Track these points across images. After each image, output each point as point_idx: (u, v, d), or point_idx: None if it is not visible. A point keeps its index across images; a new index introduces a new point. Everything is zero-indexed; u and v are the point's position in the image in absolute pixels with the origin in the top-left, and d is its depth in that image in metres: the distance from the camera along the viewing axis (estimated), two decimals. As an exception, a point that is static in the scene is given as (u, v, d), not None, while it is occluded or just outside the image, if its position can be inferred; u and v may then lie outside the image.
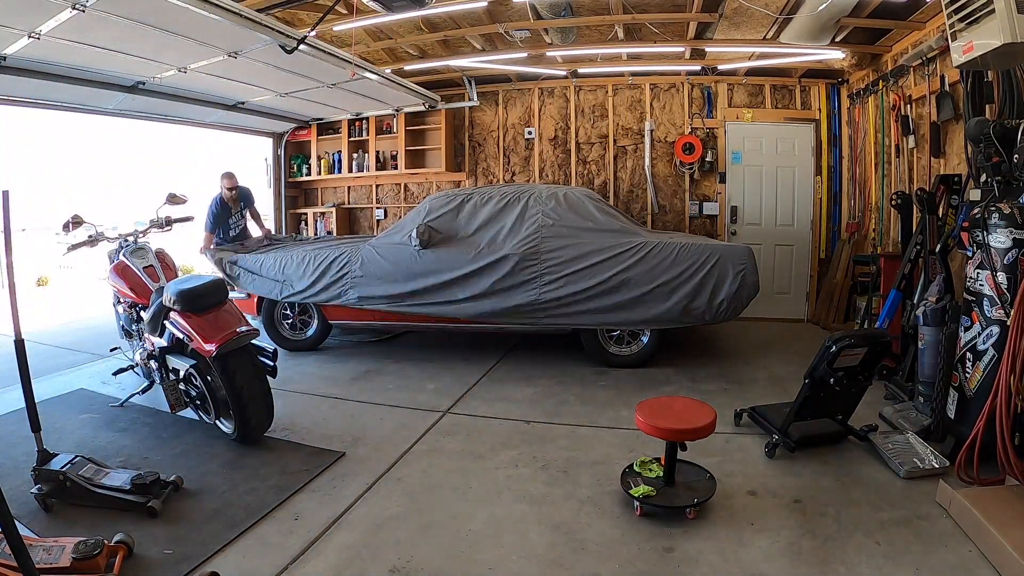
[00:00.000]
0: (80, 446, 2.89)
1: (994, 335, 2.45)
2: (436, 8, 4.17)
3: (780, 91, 6.08)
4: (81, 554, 1.85)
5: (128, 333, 3.66)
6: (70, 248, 3.46)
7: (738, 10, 4.33)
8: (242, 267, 4.73)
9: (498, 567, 2.00)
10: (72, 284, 10.59)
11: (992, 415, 2.26)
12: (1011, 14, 2.34)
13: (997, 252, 2.44)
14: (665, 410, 2.44)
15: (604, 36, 5.21)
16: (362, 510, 2.38)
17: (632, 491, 2.33)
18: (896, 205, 4.03)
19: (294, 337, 4.91)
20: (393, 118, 6.76)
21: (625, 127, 6.37)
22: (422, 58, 5.70)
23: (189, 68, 4.40)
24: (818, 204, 6.03)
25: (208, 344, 2.80)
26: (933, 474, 2.52)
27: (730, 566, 1.98)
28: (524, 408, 3.54)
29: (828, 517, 2.27)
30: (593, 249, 4.13)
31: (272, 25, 3.70)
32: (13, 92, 4.52)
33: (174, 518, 2.29)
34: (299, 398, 3.73)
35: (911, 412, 3.17)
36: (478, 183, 6.81)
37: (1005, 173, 2.63)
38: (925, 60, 4.21)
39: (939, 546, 2.06)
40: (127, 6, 3.19)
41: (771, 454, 2.80)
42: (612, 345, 4.38)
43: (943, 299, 3.13)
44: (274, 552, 2.08)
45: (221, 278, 3.20)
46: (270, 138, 7.27)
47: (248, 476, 2.64)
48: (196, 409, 3.12)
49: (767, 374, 4.14)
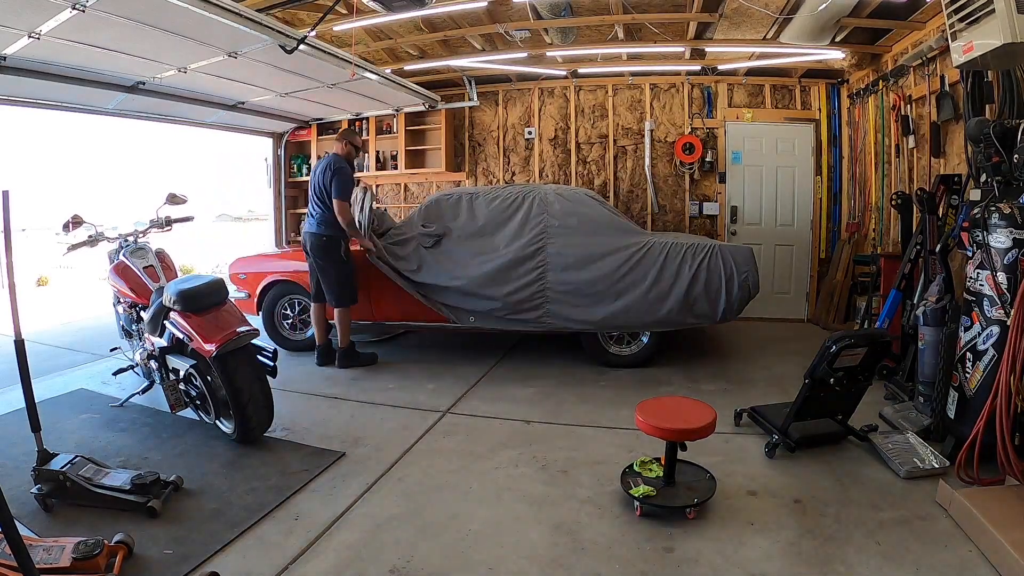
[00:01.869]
0: (80, 446, 2.89)
1: (994, 335, 2.45)
2: (436, 8, 4.17)
3: (780, 91, 6.08)
4: (81, 554, 1.85)
5: (128, 333, 3.66)
6: (70, 248, 3.46)
7: (738, 10, 4.33)
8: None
9: (498, 567, 2.00)
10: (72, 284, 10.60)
11: (992, 415, 2.26)
12: (1011, 14, 2.35)
13: (997, 252, 2.44)
14: (665, 410, 2.44)
15: (604, 36, 5.21)
16: (362, 510, 2.38)
17: (632, 491, 2.33)
18: (896, 205, 4.03)
19: (294, 337, 4.90)
20: (393, 118, 6.76)
21: (625, 127, 6.37)
22: (422, 58, 5.70)
23: (189, 68, 4.40)
24: (818, 204, 6.03)
25: (208, 344, 2.80)
26: (933, 474, 2.52)
27: (730, 566, 1.98)
28: (524, 408, 3.54)
29: (828, 517, 2.27)
30: (600, 251, 4.14)
31: (272, 25, 3.70)
32: (13, 92, 4.52)
33: (174, 518, 2.29)
34: (299, 398, 3.73)
35: (911, 412, 3.17)
36: (478, 183, 6.81)
37: (1005, 173, 2.64)
38: (925, 60, 4.21)
39: (939, 546, 2.06)
40: (127, 6, 3.19)
41: (771, 454, 2.80)
42: (612, 345, 4.38)
43: (943, 299, 3.13)
44: (274, 552, 2.08)
45: (220, 278, 3.17)
46: (270, 138, 7.27)
47: (248, 476, 2.64)
48: (196, 409, 3.11)
49: (767, 374, 4.14)
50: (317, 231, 4.23)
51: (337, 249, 4.22)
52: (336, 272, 4.24)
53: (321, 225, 4.22)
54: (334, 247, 4.22)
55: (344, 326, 4.34)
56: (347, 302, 4.29)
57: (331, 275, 4.24)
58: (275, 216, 7.41)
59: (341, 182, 4.15)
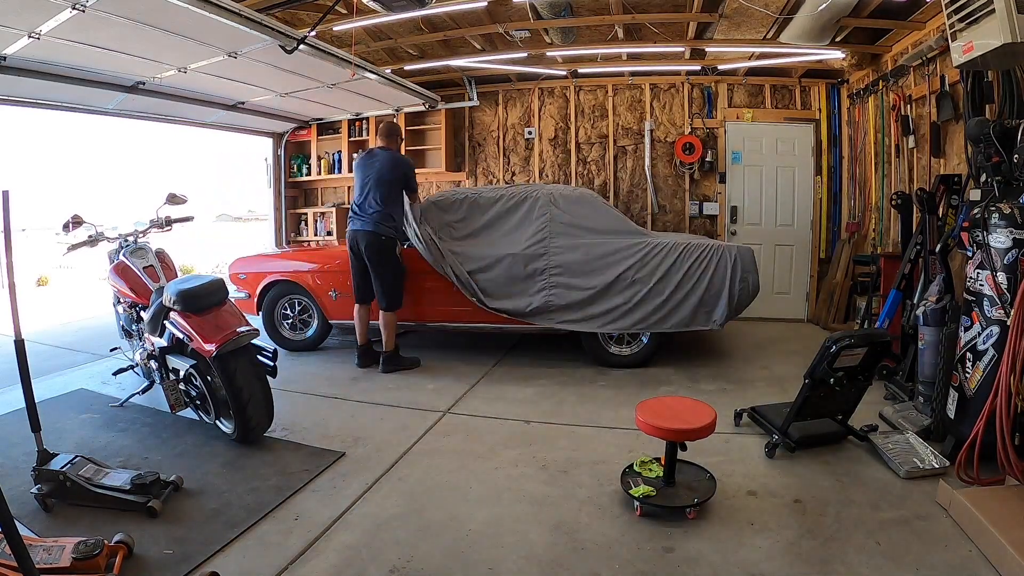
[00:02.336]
0: (80, 446, 2.89)
1: (994, 335, 2.45)
2: (436, 8, 4.17)
3: (780, 91, 6.08)
4: (81, 554, 1.85)
5: (128, 333, 3.66)
6: (70, 248, 3.46)
7: (738, 10, 4.33)
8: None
9: (498, 567, 2.00)
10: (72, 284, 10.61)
11: (992, 415, 2.26)
12: (1011, 14, 2.35)
13: (997, 252, 2.44)
14: (665, 410, 2.44)
15: (604, 36, 5.21)
16: (362, 510, 2.38)
17: (632, 491, 2.33)
18: (896, 205, 4.03)
19: (294, 337, 4.91)
20: (393, 118, 6.76)
21: (625, 127, 6.37)
22: (422, 58, 5.70)
23: (189, 68, 4.40)
24: (818, 204, 6.03)
25: (208, 344, 2.80)
26: (933, 474, 2.52)
27: (730, 566, 1.98)
28: (524, 408, 3.54)
29: (828, 517, 2.27)
30: (603, 252, 4.15)
31: (272, 25, 3.70)
32: (13, 92, 4.52)
33: (174, 518, 2.29)
34: (299, 398, 3.73)
35: (911, 412, 3.17)
36: (478, 183, 6.82)
37: (1005, 173, 2.64)
38: (925, 60, 4.21)
39: (939, 546, 2.06)
40: (127, 6, 3.19)
41: (771, 454, 2.80)
42: (612, 345, 4.38)
43: (943, 299, 3.13)
44: (274, 552, 2.08)
45: (220, 278, 3.17)
46: (270, 138, 7.27)
47: (248, 476, 2.64)
48: (196, 409, 3.11)
49: (767, 374, 4.14)
50: (376, 230, 4.03)
51: (394, 250, 4.11)
52: (393, 274, 4.13)
53: (380, 224, 4.04)
54: (392, 248, 4.10)
55: (392, 330, 4.24)
56: (397, 306, 4.21)
57: (387, 278, 4.10)
58: (275, 216, 7.40)
59: (414, 177, 4.15)
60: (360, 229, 4.09)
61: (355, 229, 4.14)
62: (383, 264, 4.09)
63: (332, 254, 4.89)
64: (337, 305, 4.64)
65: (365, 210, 4.11)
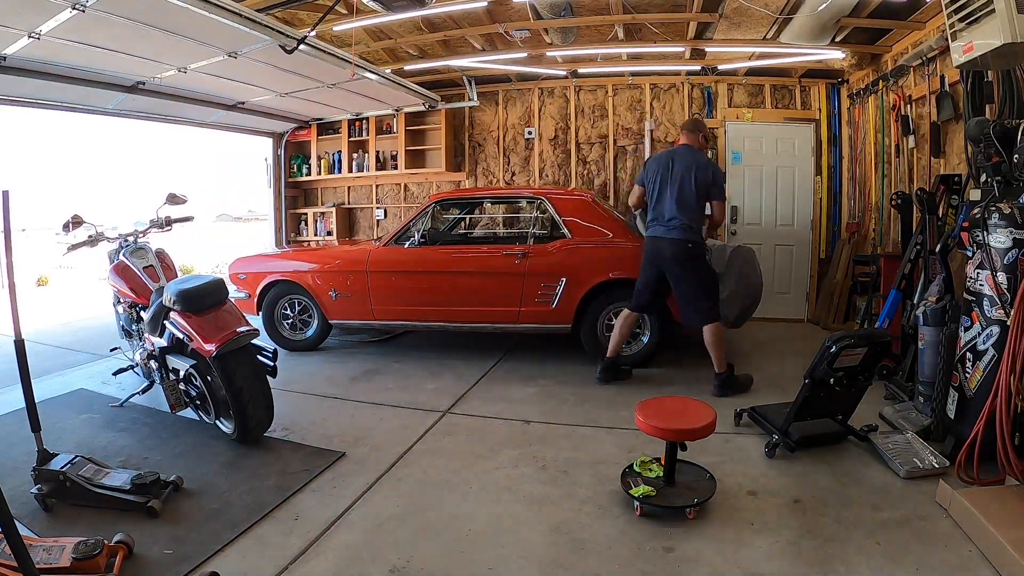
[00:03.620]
0: (80, 446, 2.88)
1: (994, 335, 2.45)
2: (436, 8, 4.17)
3: (780, 91, 6.08)
4: (81, 554, 1.85)
5: (128, 333, 3.66)
6: (70, 248, 3.46)
7: (738, 10, 4.33)
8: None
9: (498, 567, 2.00)
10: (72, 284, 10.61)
11: (992, 415, 2.26)
12: (1011, 14, 2.34)
13: (997, 252, 2.44)
14: (665, 410, 2.44)
15: (604, 36, 5.21)
16: (362, 510, 2.38)
17: (632, 491, 2.33)
18: (896, 205, 4.03)
19: (294, 337, 4.90)
20: (393, 118, 6.76)
21: (625, 127, 6.37)
22: (422, 58, 5.70)
23: (189, 68, 4.40)
24: (818, 204, 6.02)
25: (208, 344, 2.80)
26: (933, 474, 2.52)
27: (730, 566, 1.98)
28: (524, 408, 3.54)
29: (828, 517, 2.27)
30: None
31: (272, 25, 3.70)
32: (13, 92, 4.52)
33: (174, 518, 2.29)
34: (299, 398, 3.73)
35: (911, 412, 3.17)
36: (478, 183, 6.82)
37: (1005, 173, 2.63)
38: (925, 60, 4.21)
39: (939, 546, 2.06)
40: (127, 6, 3.19)
41: (771, 454, 2.80)
42: (613, 345, 4.35)
43: (943, 299, 3.12)
44: (274, 552, 2.08)
45: (220, 278, 3.17)
46: (270, 138, 7.28)
47: (248, 476, 2.64)
48: (196, 409, 3.11)
49: (767, 374, 4.14)
50: (683, 237, 3.64)
51: (704, 256, 3.77)
52: (710, 282, 3.75)
53: (686, 231, 3.64)
54: (702, 254, 3.75)
55: (722, 346, 3.73)
56: (718, 316, 3.73)
57: (704, 287, 3.70)
58: (275, 216, 7.41)
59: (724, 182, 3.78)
60: (662, 236, 3.70)
61: (653, 236, 3.76)
62: (695, 271, 3.70)
63: (332, 254, 4.90)
64: (337, 305, 4.64)
65: (663, 215, 3.73)
